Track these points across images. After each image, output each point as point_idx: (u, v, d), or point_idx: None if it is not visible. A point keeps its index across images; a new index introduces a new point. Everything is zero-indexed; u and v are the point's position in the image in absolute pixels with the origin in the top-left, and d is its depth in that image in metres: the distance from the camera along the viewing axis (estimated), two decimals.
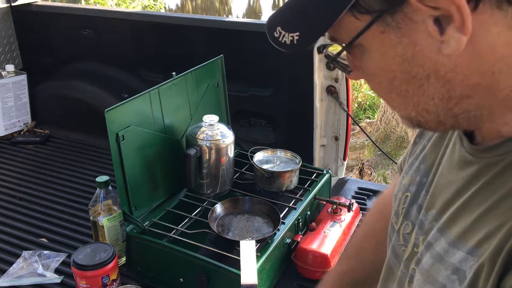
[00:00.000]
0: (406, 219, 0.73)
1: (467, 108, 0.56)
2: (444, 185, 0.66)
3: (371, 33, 0.54)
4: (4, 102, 2.36)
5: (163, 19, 2.22)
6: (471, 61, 0.52)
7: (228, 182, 1.59)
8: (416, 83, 0.55)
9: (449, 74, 0.53)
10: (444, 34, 0.51)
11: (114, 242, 1.41)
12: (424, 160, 0.73)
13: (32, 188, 1.94)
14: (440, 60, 0.52)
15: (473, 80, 0.53)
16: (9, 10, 2.42)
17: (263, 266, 1.27)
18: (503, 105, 0.55)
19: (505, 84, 0.53)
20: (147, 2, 7.44)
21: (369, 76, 0.60)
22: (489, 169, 0.57)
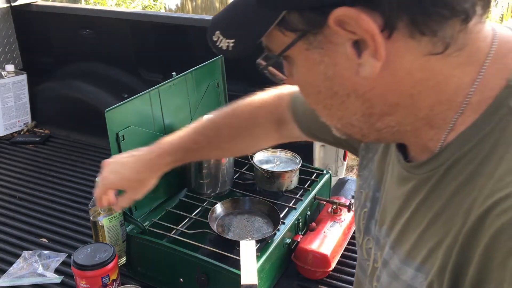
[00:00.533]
0: (366, 234, 0.75)
1: (389, 124, 0.59)
2: (390, 201, 0.68)
3: (297, 49, 0.57)
4: (4, 102, 2.36)
5: (163, 19, 2.22)
6: (389, 84, 0.55)
7: (228, 182, 1.59)
8: (339, 99, 0.58)
9: (367, 94, 0.56)
10: (361, 58, 0.53)
11: (114, 242, 1.40)
12: (374, 175, 0.75)
13: (32, 188, 1.94)
14: (358, 81, 0.55)
15: (391, 100, 0.56)
16: (9, 10, 2.42)
17: (263, 266, 1.27)
18: (425, 122, 0.58)
19: (423, 104, 0.56)
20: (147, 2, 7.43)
21: (298, 87, 0.64)
22: (423, 185, 0.60)
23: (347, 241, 1.52)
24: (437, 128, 0.58)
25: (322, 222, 1.51)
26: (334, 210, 1.55)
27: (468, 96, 0.55)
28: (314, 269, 1.39)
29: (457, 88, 0.55)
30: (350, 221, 1.55)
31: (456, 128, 0.57)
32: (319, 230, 1.47)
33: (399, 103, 0.57)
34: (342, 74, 0.56)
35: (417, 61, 0.53)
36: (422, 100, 0.56)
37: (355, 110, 0.59)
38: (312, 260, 1.38)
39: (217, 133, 1.08)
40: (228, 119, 1.08)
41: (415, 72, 0.54)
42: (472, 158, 0.54)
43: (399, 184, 0.65)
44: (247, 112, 1.06)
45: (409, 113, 0.57)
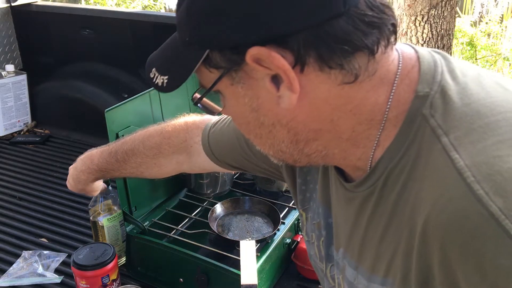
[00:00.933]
0: (329, 262, 0.78)
1: (316, 149, 0.63)
2: (341, 223, 0.71)
3: (223, 84, 0.61)
4: (4, 102, 2.36)
5: (163, 19, 2.21)
6: (308, 112, 0.59)
7: (228, 182, 1.59)
8: (266, 129, 0.63)
9: (290, 123, 0.61)
10: (279, 91, 0.58)
11: (114, 242, 1.40)
12: (320, 203, 0.78)
13: (32, 188, 1.93)
14: (280, 112, 0.60)
15: (314, 127, 0.61)
16: (9, 10, 2.42)
17: (263, 266, 1.27)
18: (350, 144, 0.62)
19: (345, 127, 0.60)
20: (147, 2, 7.43)
21: (231, 117, 0.69)
22: (367, 201, 0.64)
23: None
24: (362, 147, 0.62)
25: None
26: None
27: (386, 113, 0.59)
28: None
29: (374, 108, 0.59)
30: None
31: (381, 144, 0.61)
32: None
33: (322, 129, 0.61)
34: (265, 105, 0.60)
35: (332, 90, 0.57)
36: (343, 123, 0.60)
37: (283, 138, 0.63)
38: None
39: (125, 159, 1.14)
40: (137, 146, 1.13)
41: (331, 100, 0.58)
42: (402, 167, 0.58)
43: (346, 205, 0.68)
44: (154, 142, 1.11)
45: (333, 137, 0.62)
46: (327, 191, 0.75)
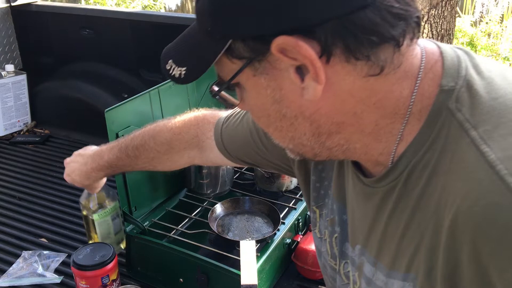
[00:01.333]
0: (343, 259, 0.77)
1: (338, 142, 0.63)
2: (359, 219, 0.70)
3: (245, 75, 0.60)
4: (4, 102, 2.36)
5: (163, 19, 2.21)
6: (332, 104, 0.59)
7: (228, 182, 1.59)
8: (288, 121, 0.62)
9: (313, 115, 0.60)
10: (304, 82, 0.57)
11: (106, 236, 1.36)
12: (335, 200, 0.77)
13: (32, 188, 1.93)
14: (304, 103, 0.59)
15: (337, 119, 0.60)
16: (9, 10, 2.42)
17: (263, 266, 1.27)
18: (373, 138, 0.61)
19: (368, 120, 0.60)
20: (147, 2, 7.43)
21: (249, 111, 0.67)
22: (389, 196, 0.63)
23: None
24: (385, 141, 0.61)
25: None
26: None
27: (410, 107, 0.59)
28: (314, 269, 1.39)
29: (398, 101, 0.59)
30: None
31: (405, 138, 0.60)
32: None
33: (345, 122, 0.60)
34: (288, 97, 0.59)
35: (357, 82, 0.57)
36: (366, 117, 0.59)
37: (304, 131, 0.62)
38: (312, 260, 1.38)
39: (136, 154, 1.13)
40: (147, 141, 1.11)
41: (356, 92, 0.58)
42: (427, 162, 0.58)
43: (365, 201, 0.68)
44: (164, 138, 1.10)
45: (356, 130, 0.61)
46: (343, 188, 0.74)
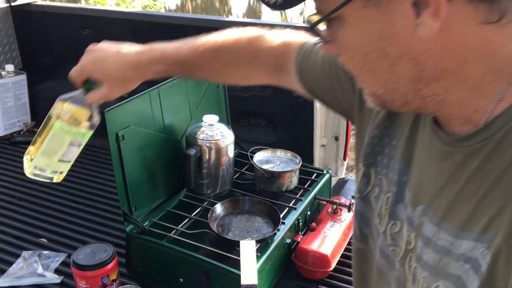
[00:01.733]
0: (392, 219, 0.74)
1: (435, 92, 0.59)
2: (428, 180, 0.67)
3: (352, 6, 0.56)
4: (3, 102, 2.36)
5: (163, 19, 2.22)
6: (443, 47, 0.56)
7: (228, 182, 1.59)
8: (388, 62, 0.58)
9: (420, 56, 0.57)
10: (420, 18, 0.54)
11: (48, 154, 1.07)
12: (398, 159, 0.74)
13: (32, 188, 1.93)
14: (414, 42, 0.56)
15: (443, 65, 0.57)
16: (9, 10, 2.42)
17: (263, 266, 1.27)
18: (473, 92, 0.58)
19: (474, 72, 0.57)
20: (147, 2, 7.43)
21: (344, 50, 0.63)
22: (473, 157, 0.59)
23: (347, 241, 1.52)
24: (484, 98, 0.58)
25: (322, 222, 1.51)
26: (334, 210, 1.55)
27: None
28: (314, 269, 1.39)
29: (508, 58, 0.56)
30: (350, 221, 1.55)
31: (505, 99, 0.57)
32: (319, 230, 1.47)
33: (450, 69, 0.57)
34: (397, 33, 0.56)
35: (473, 28, 0.55)
36: (474, 68, 0.57)
37: (404, 74, 0.59)
38: (312, 260, 1.38)
39: (214, 56, 1.03)
40: (230, 47, 1.02)
41: (470, 38, 0.55)
42: None
43: (441, 160, 0.64)
44: (250, 49, 1.00)
45: (458, 81, 0.58)
46: (411, 148, 0.71)
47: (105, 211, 1.77)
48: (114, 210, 1.77)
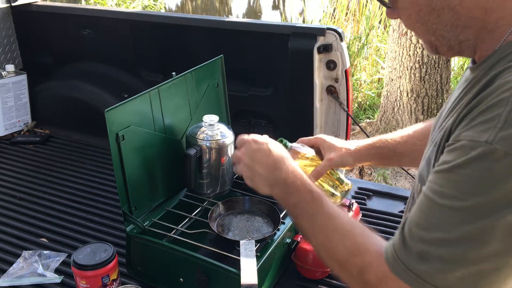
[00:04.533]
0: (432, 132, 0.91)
1: (467, 37, 0.77)
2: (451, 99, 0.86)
3: None
4: (4, 102, 2.37)
5: (163, 19, 2.22)
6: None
7: (228, 182, 1.59)
8: (435, 13, 0.76)
9: (457, 7, 0.74)
10: None
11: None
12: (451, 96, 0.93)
13: (32, 188, 1.94)
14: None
15: (473, 14, 0.74)
16: (9, 10, 2.42)
17: (263, 266, 1.27)
18: (490, 35, 0.75)
19: (493, 18, 0.73)
20: (147, 2, 7.44)
21: (401, 11, 0.81)
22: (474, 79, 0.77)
23: None
24: (495, 40, 0.74)
25: None
26: None
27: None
28: (314, 269, 1.39)
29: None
30: None
31: (508, 39, 0.73)
32: None
33: (477, 17, 0.73)
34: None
35: None
36: (492, 14, 0.73)
37: (446, 22, 0.76)
38: (312, 260, 1.38)
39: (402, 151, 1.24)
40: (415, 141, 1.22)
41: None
42: (508, 58, 0.71)
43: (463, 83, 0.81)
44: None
45: (482, 27, 0.74)
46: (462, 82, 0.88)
47: (105, 211, 1.77)
48: (114, 210, 1.77)
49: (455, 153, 0.68)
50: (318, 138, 1.28)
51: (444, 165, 0.70)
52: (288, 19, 6.91)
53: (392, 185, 3.68)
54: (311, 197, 0.90)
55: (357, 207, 1.63)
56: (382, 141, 1.25)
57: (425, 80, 4.15)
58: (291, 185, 0.94)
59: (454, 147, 0.69)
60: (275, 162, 0.99)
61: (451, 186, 0.68)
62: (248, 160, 1.03)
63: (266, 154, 1.01)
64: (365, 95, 5.10)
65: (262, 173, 1.00)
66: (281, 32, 1.92)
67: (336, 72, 1.87)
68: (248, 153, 1.04)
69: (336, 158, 1.22)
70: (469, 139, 0.67)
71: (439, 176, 0.70)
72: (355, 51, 5.40)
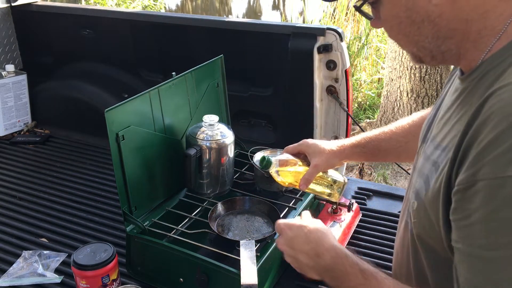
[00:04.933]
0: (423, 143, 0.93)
1: (449, 47, 0.78)
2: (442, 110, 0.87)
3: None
4: (4, 102, 2.36)
5: (163, 19, 2.22)
6: (452, 10, 0.73)
7: (228, 182, 1.59)
8: (415, 26, 0.77)
9: (437, 19, 0.75)
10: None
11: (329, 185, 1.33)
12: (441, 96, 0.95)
13: (32, 188, 1.94)
14: (431, 9, 0.74)
15: (453, 25, 0.75)
16: (9, 10, 2.42)
17: (263, 266, 1.27)
18: (473, 45, 0.76)
19: (475, 28, 0.74)
20: (147, 2, 7.44)
21: (383, 23, 0.82)
22: (465, 90, 0.78)
23: (347, 241, 1.52)
24: (479, 50, 0.75)
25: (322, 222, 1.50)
26: (334, 210, 1.55)
27: (506, 26, 0.72)
28: None
29: (499, 17, 0.72)
30: (350, 221, 1.55)
31: (492, 50, 0.74)
32: None
33: (458, 28, 0.75)
34: (419, 4, 0.75)
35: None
36: (474, 25, 0.73)
37: (427, 34, 0.77)
38: None
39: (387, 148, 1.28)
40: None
41: (471, 1, 0.72)
42: (496, 70, 0.71)
43: (453, 93, 0.83)
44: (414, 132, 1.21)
45: (464, 37, 0.75)
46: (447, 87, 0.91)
47: (105, 211, 1.77)
48: (114, 210, 1.77)
49: (481, 197, 0.65)
50: (303, 145, 1.32)
51: (475, 214, 0.65)
52: (288, 19, 6.91)
53: (392, 185, 3.68)
54: (363, 277, 0.88)
55: (357, 207, 1.63)
56: (366, 139, 1.28)
57: (425, 80, 4.16)
58: (338, 270, 0.93)
59: (475, 190, 0.65)
60: (315, 248, 0.98)
61: (496, 234, 0.64)
62: (290, 251, 1.03)
63: (304, 241, 1.00)
64: (365, 95, 5.10)
65: (307, 262, 0.99)
66: (281, 32, 1.92)
67: (336, 72, 1.87)
68: (287, 243, 1.03)
69: (322, 163, 1.26)
70: (492, 177, 0.63)
71: (475, 228, 0.66)
72: (355, 51, 5.40)
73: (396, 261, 1.01)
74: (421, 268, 0.88)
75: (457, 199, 0.70)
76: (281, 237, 1.05)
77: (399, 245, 0.98)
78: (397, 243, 1.00)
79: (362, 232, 1.60)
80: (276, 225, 1.09)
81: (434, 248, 0.81)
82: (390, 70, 4.39)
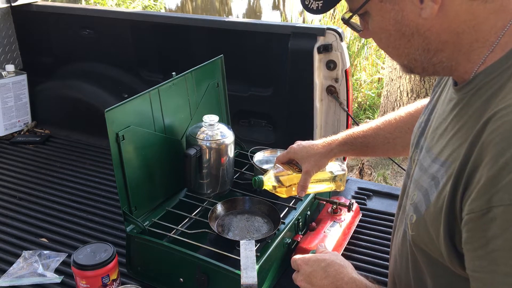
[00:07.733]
0: (416, 148, 0.92)
1: (441, 60, 0.77)
2: (437, 118, 0.86)
3: (373, 3, 0.76)
4: (4, 102, 2.36)
5: (163, 19, 2.22)
6: (442, 24, 0.73)
7: (228, 182, 1.59)
8: (405, 39, 0.77)
9: (427, 32, 0.75)
10: (423, 3, 0.72)
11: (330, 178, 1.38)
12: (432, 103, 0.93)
13: (32, 188, 1.94)
14: (420, 22, 0.74)
15: (443, 38, 0.74)
16: (9, 10, 2.42)
17: (263, 266, 1.27)
18: (465, 57, 0.75)
19: (467, 41, 0.74)
20: (147, 2, 7.44)
21: (372, 35, 0.82)
22: (459, 104, 0.78)
23: (347, 241, 1.52)
24: (472, 62, 0.75)
25: (322, 222, 1.51)
26: (334, 210, 1.55)
27: (499, 38, 0.72)
28: None
29: (491, 29, 0.72)
30: (350, 221, 1.55)
31: (486, 62, 0.73)
32: (319, 230, 1.47)
33: (448, 41, 0.74)
34: (408, 17, 0.74)
35: (463, 5, 0.71)
36: (465, 38, 0.73)
37: (417, 46, 0.76)
38: None
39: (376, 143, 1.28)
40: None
41: (461, 14, 0.71)
42: (493, 84, 0.71)
43: (447, 104, 0.83)
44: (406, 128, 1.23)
45: (456, 49, 0.75)
46: (440, 94, 0.90)
47: (105, 211, 1.77)
48: (114, 210, 1.77)
49: (498, 224, 0.63)
50: (290, 152, 1.34)
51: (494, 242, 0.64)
52: (288, 19, 6.91)
53: (392, 185, 3.68)
54: None
55: (357, 207, 1.64)
56: (353, 136, 1.30)
57: (425, 80, 4.15)
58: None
59: (491, 218, 0.64)
60: (334, 282, 0.95)
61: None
62: (309, 287, 0.99)
63: (322, 276, 0.97)
64: (365, 95, 5.10)
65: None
66: (281, 32, 1.92)
67: (336, 72, 1.87)
68: (305, 279, 1.00)
69: (311, 167, 1.30)
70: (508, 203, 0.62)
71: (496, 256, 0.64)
72: (355, 51, 5.40)
73: (395, 269, 0.97)
74: (420, 277, 0.87)
75: (470, 228, 0.67)
76: (299, 274, 1.01)
77: (397, 254, 0.95)
78: (395, 251, 0.98)
79: (362, 232, 1.60)
80: (292, 261, 1.05)
81: (433, 257, 0.80)
82: (390, 70, 4.39)
